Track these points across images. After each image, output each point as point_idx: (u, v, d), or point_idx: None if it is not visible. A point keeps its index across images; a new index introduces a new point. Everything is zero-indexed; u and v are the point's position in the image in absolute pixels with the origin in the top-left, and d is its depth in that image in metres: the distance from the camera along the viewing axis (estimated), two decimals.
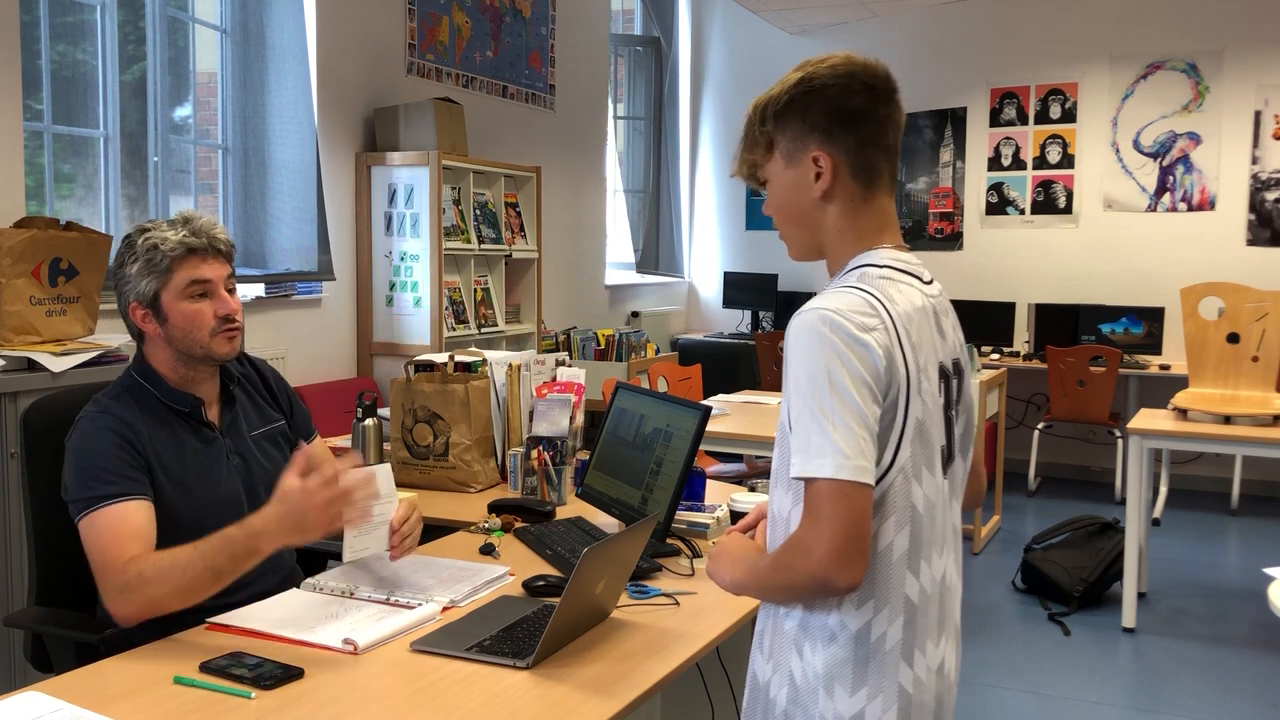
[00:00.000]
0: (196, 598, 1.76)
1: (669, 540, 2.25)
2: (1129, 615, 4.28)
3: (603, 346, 5.87)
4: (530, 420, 2.89)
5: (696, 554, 2.24)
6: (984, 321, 6.96)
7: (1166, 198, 6.89)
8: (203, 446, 1.99)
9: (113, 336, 3.24)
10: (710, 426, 2.47)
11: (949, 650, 1.42)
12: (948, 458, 1.42)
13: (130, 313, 1.97)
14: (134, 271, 1.94)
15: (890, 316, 1.33)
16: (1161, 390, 6.27)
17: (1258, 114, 6.64)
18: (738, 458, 4.90)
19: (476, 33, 5.57)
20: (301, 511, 1.74)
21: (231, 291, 2.01)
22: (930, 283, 1.46)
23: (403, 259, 4.75)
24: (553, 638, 1.69)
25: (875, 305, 1.32)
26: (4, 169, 3.28)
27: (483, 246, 5.08)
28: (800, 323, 1.32)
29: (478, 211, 5.13)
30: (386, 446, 2.92)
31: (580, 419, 2.88)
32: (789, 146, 1.43)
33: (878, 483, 1.31)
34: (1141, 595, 4.57)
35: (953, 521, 1.45)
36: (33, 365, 2.89)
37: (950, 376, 1.43)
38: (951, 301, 1.52)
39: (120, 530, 1.80)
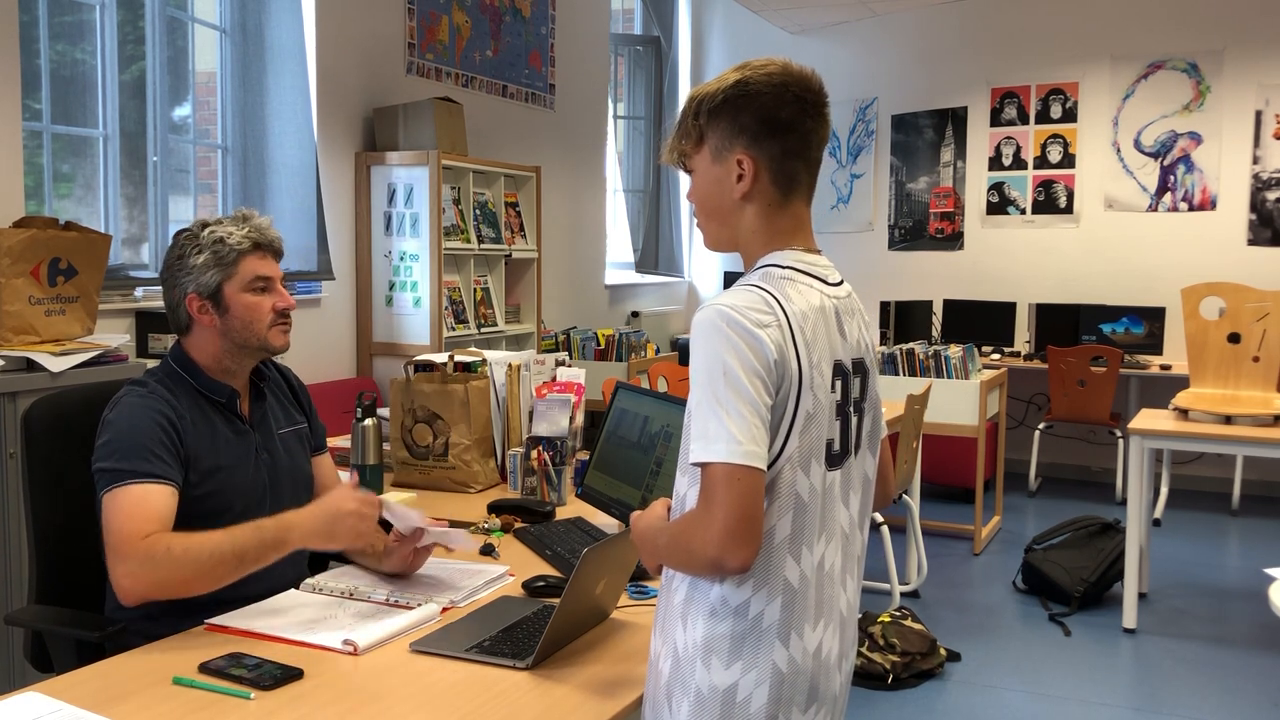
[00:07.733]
0: (215, 583, 1.78)
1: None
2: (1129, 615, 4.28)
3: (603, 346, 5.87)
4: (530, 420, 2.89)
5: None
6: (984, 321, 6.92)
7: (1167, 197, 6.89)
8: (234, 437, 2.04)
9: (112, 336, 3.24)
10: None
11: (829, 636, 1.46)
12: (843, 452, 1.47)
13: (186, 304, 2.00)
14: (199, 263, 1.99)
15: (785, 314, 1.39)
16: (1162, 390, 6.27)
17: (1258, 114, 6.64)
18: None
19: (476, 32, 5.56)
20: (336, 515, 1.82)
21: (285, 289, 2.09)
22: (839, 284, 1.52)
23: (402, 259, 4.75)
24: (552, 638, 1.69)
25: (771, 303, 1.39)
26: (3, 169, 3.28)
27: (482, 246, 5.07)
28: (701, 318, 1.38)
29: (477, 211, 5.12)
30: (386, 446, 2.92)
31: (580, 419, 2.87)
32: (717, 144, 1.48)
33: (767, 469, 1.36)
34: (1142, 595, 4.57)
35: (847, 515, 1.49)
36: (32, 365, 2.88)
37: (849, 375, 1.48)
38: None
39: (143, 508, 1.82)
